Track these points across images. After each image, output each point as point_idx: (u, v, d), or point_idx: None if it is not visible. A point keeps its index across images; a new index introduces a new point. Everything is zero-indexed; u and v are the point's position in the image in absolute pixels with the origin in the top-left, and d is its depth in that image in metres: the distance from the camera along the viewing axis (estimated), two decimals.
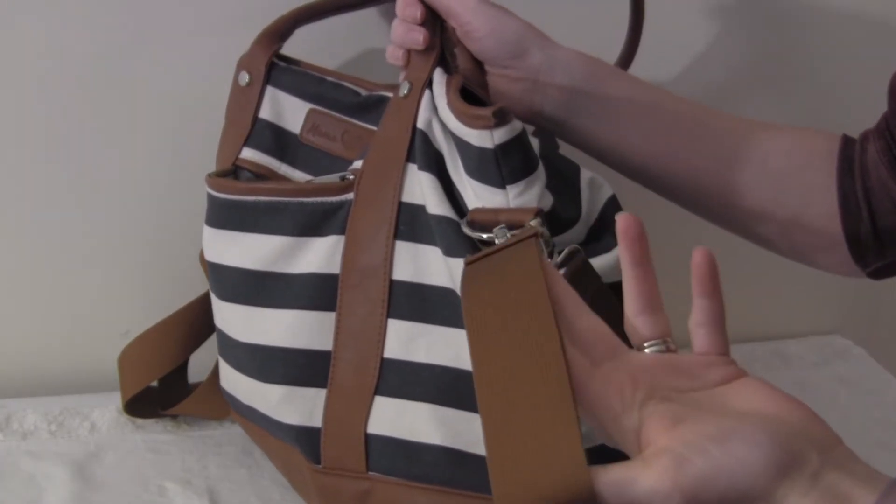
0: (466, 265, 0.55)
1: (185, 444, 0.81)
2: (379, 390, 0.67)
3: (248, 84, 0.75)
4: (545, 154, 0.69)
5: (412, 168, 0.68)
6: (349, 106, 0.73)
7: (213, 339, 0.78)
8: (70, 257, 0.85)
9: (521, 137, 0.63)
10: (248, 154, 0.74)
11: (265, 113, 0.74)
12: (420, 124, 0.68)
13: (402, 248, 0.67)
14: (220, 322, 0.75)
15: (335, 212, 0.69)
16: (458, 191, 0.67)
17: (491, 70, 0.71)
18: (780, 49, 0.95)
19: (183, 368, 0.83)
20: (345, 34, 0.82)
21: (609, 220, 0.68)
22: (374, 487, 0.68)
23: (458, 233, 0.64)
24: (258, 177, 0.74)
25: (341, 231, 0.69)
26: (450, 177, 0.67)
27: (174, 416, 0.83)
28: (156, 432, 0.82)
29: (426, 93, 0.68)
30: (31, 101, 0.80)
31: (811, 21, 0.94)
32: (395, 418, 0.67)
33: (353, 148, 0.73)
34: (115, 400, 0.83)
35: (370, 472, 0.68)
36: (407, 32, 0.70)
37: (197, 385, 0.83)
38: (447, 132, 0.67)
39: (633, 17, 0.80)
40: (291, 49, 0.76)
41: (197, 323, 0.81)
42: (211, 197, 0.73)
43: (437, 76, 0.69)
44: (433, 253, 0.66)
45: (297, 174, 0.74)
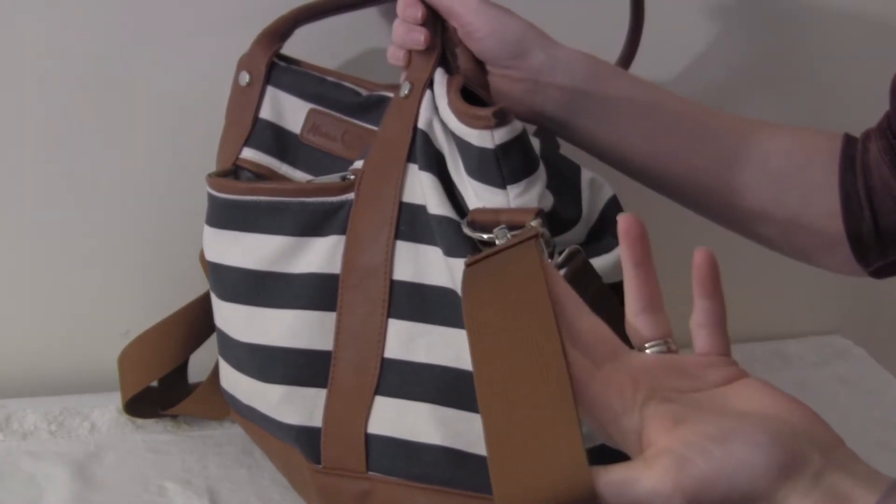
0: (467, 266, 0.55)
1: (185, 444, 0.81)
2: (379, 390, 0.67)
3: (249, 84, 0.75)
4: (546, 154, 0.69)
5: (413, 168, 0.68)
6: (350, 106, 0.73)
7: (213, 339, 0.78)
8: (70, 257, 0.85)
9: (521, 137, 0.63)
10: (248, 154, 0.74)
11: (265, 113, 0.74)
12: (421, 124, 0.68)
13: (403, 248, 0.67)
14: (220, 322, 0.75)
15: (336, 212, 0.69)
16: (458, 191, 0.67)
17: (492, 70, 0.71)
18: (780, 49, 0.95)
19: (183, 368, 0.83)
20: (345, 34, 0.82)
21: (610, 221, 0.69)
22: (375, 487, 0.68)
23: (459, 233, 0.64)
24: (259, 177, 0.74)
25: (342, 231, 0.69)
26: (450, 177, 0.67)
27: (174, 416, 0.83)
28: (156, 432, 0.82)
29: (427, 93, 0.68)
30: (31, 101, 0.80)
31: (811, 21, 0.94)
32: (396, 418, 0.67)
33: (353, 148, 0.73)
34: (115, 400, 0.83)
35: (370, 472, 0.68)
36: (408, 33, 0.70)
37: (197, 385, 0.83)
38: (448, 132, 0.67)
39: (634, 16, 0.80)
40: (292, 49, 0.76)
41: (197, 323, 0.81)
42: (211, 197, 0.73)
43: (439, 76, 0.69)
44: (434, 253, 0.66)
45: (298, 174, 0.74)
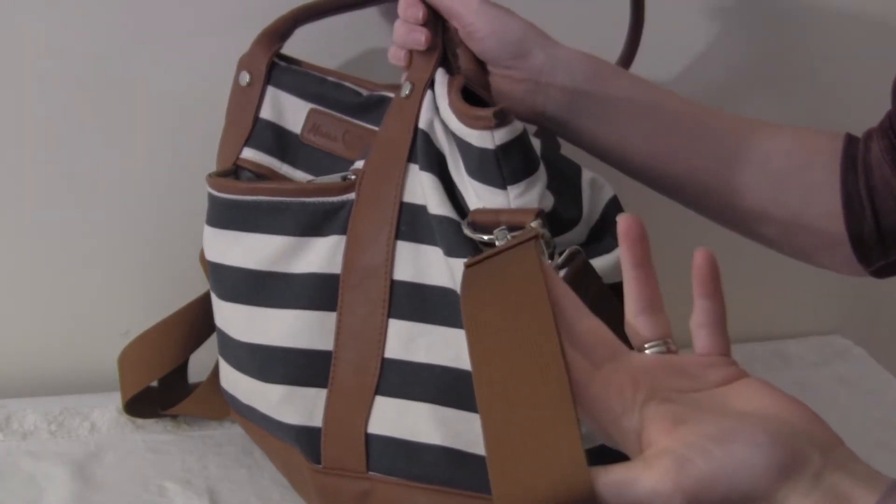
0: (466, 268, 0.55)
1: (185, 444, 0.81)
2: (379, 390, 0.67)
3: (249, 84, 0.75)
4: (546, 154, 0.69)
5: (414, 168, 0.68)
6: (350, 106, 0.73)
7: (213, 339, 0.78)
8: (70, 257, 0.85)
9: (521, 138, 0.63)
10: (248, 154, 0.74)
11: (266, 113, 0.74)
12: (422, 125, 0.68)
13: (403, 249, 0.67)
14: (220, 322, 0.75)
15: (336, 212, 0.69)
16: (459, 191, 0.67)
17: (493, 70, 0.71)
18: (780, 49, 0.95)
19: (183, 368, 0.83)
20: (345, 34, 0.82)
21: (610, 221, 0.68)
22: (375, 487, 0.68)
23: (460, 233, 0.64)
24: (259, 177, 0.74)
25: (342, 231, 0.69)
26: (451, 177, 0.67)
27: (174, 416, 0.83)
28: (156, 432, 0.82)
29: (428, 93, 0.68)
30: (31, 101, 0.80)
31: (811, 21, 0.94)
32: (396, 418, 0.67)
33: (354, 148, 0.73)
34: (115, 400, 0.83)
35: (370, 472, 0.68)
36: (409, 33, 0.70)
37: (197, 385, 0.83)
38: (449, 132, 0.67)
39: (634, 16, 0.79)
40: (292, 49, 0.76)
41: (197, 323, 0.81)
42: (212, 197, 0.73)
43: (440, 77, 0.69)
44: (434, 253, 0.66)
45: (298, 174, 0.74)
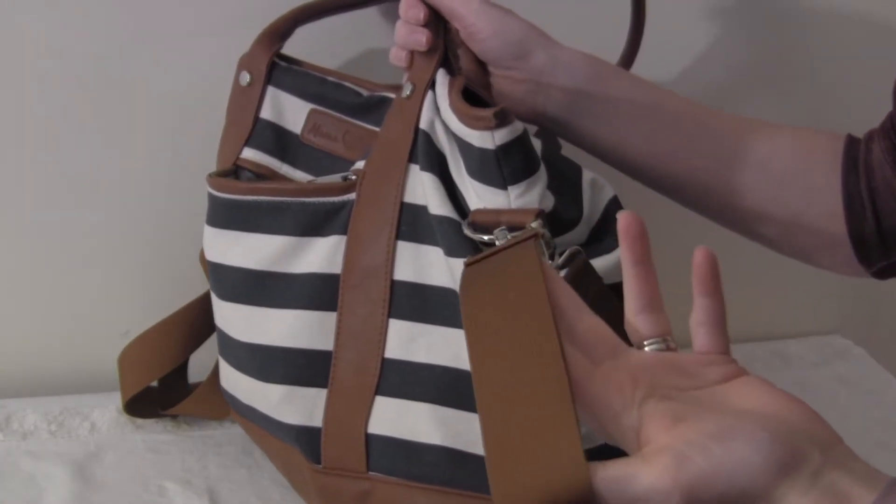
0: (466, 267, 0.55)
1: (185, 444, 0.81)
2: (379, 390, 0.67)
3: (249, 84, 0.75)
4: (547, 155, 0.69)
5: (414, 168, 0.68)
6: (351, 106, 0.73)
7: (213, 339, 0.78)
8: (70, 257, 0.85)
9: (522, 138, 0.63)
10: (248, 154, 0.74)
11: (266, 113, 0.74)
12: (423, 125, 0.68)
13: (404, 249, 0.67)
14: (220, 322, 0.75)
15: (337, 212, 0.69)
16: (459, 191, 0.67)
17: (494, 71, 0.71)
18: (780, 49, 0.95)
19: (183, 368, 0.83)
20: (346, 34, 0.82)
21: (611, 222, 0.68)
22: (375, 487, 0.68)
23: (460, 233, 0.64)
24: (259, 177, 0.74)
25: (343, 231, 0.69)
26: (452, 177, 0.67)
27: (174, 416, 0.83)
28: (156, 432, 0.82)
29: (429, 94, 0.68)
30: (31, 101, 0.80)
31: (811, 21, 0.94)
32: (396, 418, 0.67)
33: (354, 148, 0.73)
34: (115, 400, 0.83)
35: (370, 472, 0.68)
36: (410, 34, 0.70)
37: (197, 385, 0.83)
38: (449, 133, 0.67)
39: (635, 17, 0.79)
40: (292, 49, 0.76)
41: (197, 323, 0.81)
42: (212, 197, 0.73)
43: (441, 77, 0.69)
44: (435, 253, 0.66)
45: (298, 174, 0.74)
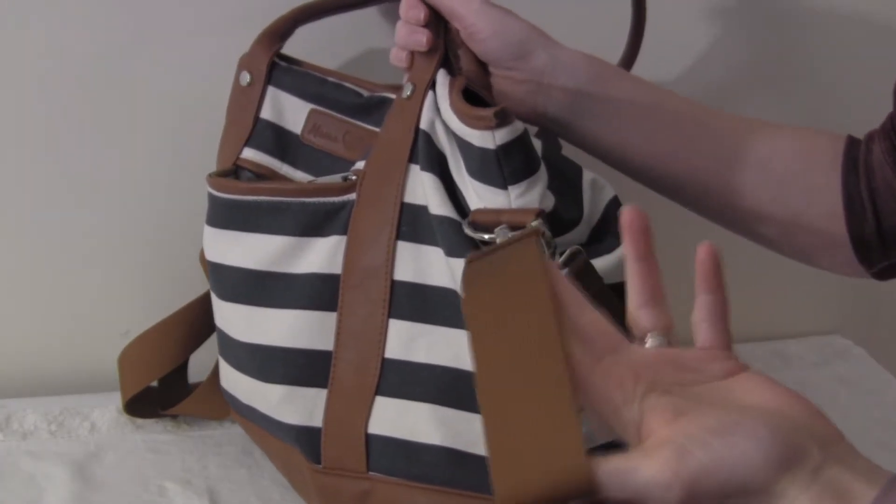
0: (468, 263, 0.55)
1: (185, 444, 0.81)
2: (379, 390, 0.67)
3: (249, 84, 0.75)
4: (547, 155, 0.69)
5: (415, 169, 0.68)
6: (351, 107, 0.73)
7: (213, 339, 0.78)
8: (70, 257, 0.85)
9: (522, 138, 0.63)
10: (248, 154, 0.74)
11: (266, 113, 0.74)
12: (423, 125, 0.68)
13: (404, 249, 0.67)
14: (220, 322, 0.75)
15: (337, 212, 0.69)
16: (460, 191, 0.67)
17: (495, 71, 0.71)
18: (780, 49, 0.95)
19: (183, 368, 0.83)
20: (346, 34, 0.81)
21: (611, 222, 0.69)
22: (375, 487, 0.68)
23: (460, 233, 0.64)
24: (259, 177, 0.74)
25: (343, 231, 0.69)
26: (452, 177, 0.67)
27: (174, 416, 0.83)
28: (156, 432, 0.82)
29: (429, 94, 0.68)
30: (31, 101, 0.80)
31: (811, 21, 0.94)
32: (396, 418, 0.67)
33: (354, 149, 0.73)
34: (115, 400, 0.83)
35: (370, 473, 0.68)
36: (410, 34, 0.70)
37: (197, 385, 0.83)
38: (450, 133, 0.67)
39: (635, 18, 0.79)
40: (292, 49, 0.76)
41: (197, 323, 0.81)
42: (212, 197, 0.73)
43: (441, 77, 0.69)
44: (435, 253, 0.66)
45: (299, 174, 0.74)
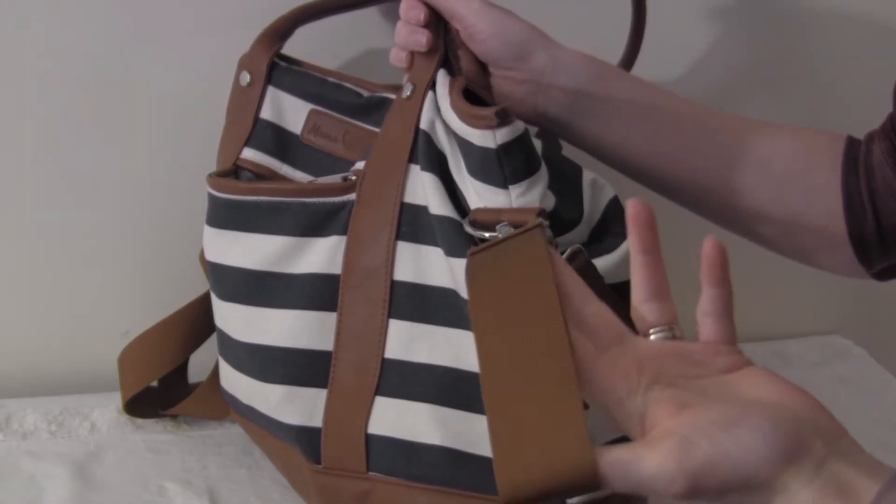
0: (471, 255, 0.55)
1: (185, 444, 0.81)
2: (379, 390, 0.67)
3: (249, 84, 0.75)
4: (547, 155, 0.69)
5: (415, 169, 0.68)
6: (351, 107, 0.73)
7: (213, 339, 0.78)
8: (70, 257, 0.85)
9: (523, 138, 0.63)
10: (248, 154, 0.74)
11: (266, 113, 0.74)
12: (423, 125, 0.68)
13: (404, 249, 0.67)
14: (220, 322, 0.75)
15: (337, 212, 0.69)
16: (460, 191, 0.67)
17: (495, 72, 0.71)
18: (780, 49, 0.95)
19: (183, 368, 0.83)
20: (346, 34, 0.82)
21: (611, 222, 0.69)
22: (375, 488, 0.68)
23: (460, 233, 0.64)
24: (259, 177, 0.74)
25: (343, 231, 0.69)
26: (452, 177, 0.67)
27: (174, 416, 0.83)
28: (156, 432, 0.82)
29: (429, 94, 0.68)
30: (31, 101, 0.80)
31: (811, 21, 0.94)
32: (396, 418, 0.67)
33: (354, 149, 0.73)
34: (115, 400, 0.83)
35: (370, 473, 0.68)
36: (410, 34, 0.70)
37: (197, 385, 0.83)
38: (450, 133, 0.67)
39: (635, 18, 0.79)
40: (292, 49, 0.76)
41: (197, 323, 0.81)
42: (212, 197, 0.73)
43: (441, 78, 0.69)
44: (435, 254, 0.66)
45: (298, 175, 0.74)
